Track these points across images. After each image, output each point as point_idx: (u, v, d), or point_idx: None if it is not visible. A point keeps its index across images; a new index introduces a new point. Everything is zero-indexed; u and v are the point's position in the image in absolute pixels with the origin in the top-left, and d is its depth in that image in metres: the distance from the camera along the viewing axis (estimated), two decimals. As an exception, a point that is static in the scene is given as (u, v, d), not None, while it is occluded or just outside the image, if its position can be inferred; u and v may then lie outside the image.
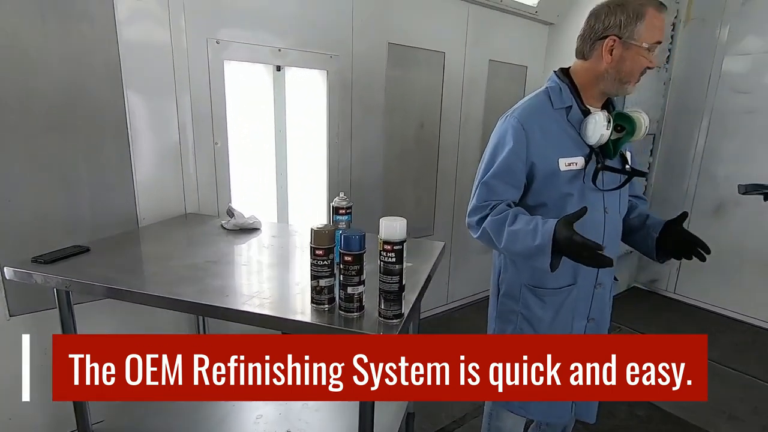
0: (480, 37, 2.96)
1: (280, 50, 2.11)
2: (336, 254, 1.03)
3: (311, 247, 1.03)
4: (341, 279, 1.02)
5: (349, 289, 1.01)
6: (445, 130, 2.95)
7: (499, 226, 1.15)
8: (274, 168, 2.29)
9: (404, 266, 0.99)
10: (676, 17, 3.39)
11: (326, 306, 1.07)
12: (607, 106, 1.29)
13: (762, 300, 3.24)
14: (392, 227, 0.97)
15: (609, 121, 1.15)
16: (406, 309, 1.05)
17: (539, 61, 3.33)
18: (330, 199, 2.46)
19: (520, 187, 1.23)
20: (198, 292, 1.14)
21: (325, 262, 1.03)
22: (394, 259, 0.97)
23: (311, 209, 2.46)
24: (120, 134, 1.78)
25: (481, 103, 3.09)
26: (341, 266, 1.00)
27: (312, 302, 1.08)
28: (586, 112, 1.21)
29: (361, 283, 1.02)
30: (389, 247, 0.97)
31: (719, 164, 3.43)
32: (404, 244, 0.98)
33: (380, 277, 1.00)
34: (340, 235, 1.01)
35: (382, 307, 1.02)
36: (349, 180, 2.52)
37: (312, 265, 1.04)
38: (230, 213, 1.79)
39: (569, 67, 1.28)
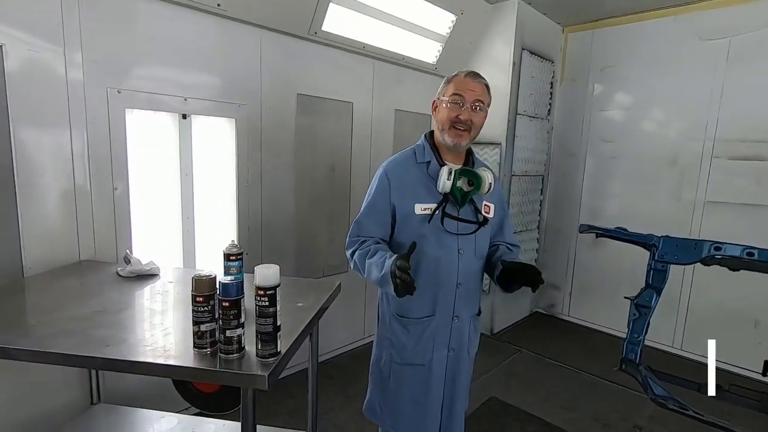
0: (385, 89, 3.26)
1: (186, 99, 2.19)
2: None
3: (192, 294, 1.11)
4: (220, 323, 1.10)
5: (228, 332, 1.10)
6: (355, 173, 3.14)
7: (362, 259, 1.37)
8: (179, 212, 2.30)
9: (278, 308, 1.10)
10: (553, 77, 3.98)
11: (208, 349, 1.14)
12: (467, 161, 1.53)
13: (636, 318, 3.74)
14: (265, 274, 1.08)
15: (450, 173, 1.37)
16: (283, 348, 1.15)
17: (442, 111, 3.71)
18: (240, 240, 2.53)
19: (386, 226, 1.44)
20: (76, 344, 1.15)
21: (206, 308, 1.11)
22: (267, 303, 1.08)
23: (220, 251, 2.48)
24: (5, 179, 1.72)
25: (389, 148, 3.35)
26: (220, 311, 1.09)
27: (194, 347, 1.14)
28: (443, 166, 1.44)
29: (240, 326, 1.11)
30: (262, 292, 1.08)
31: (597, 200, 3.98)
32: (277, 288, 1.09)
33: (256, 319, 1.10)
34: (219, 282, 1.10)
35: (259, 347, 1.11)
36: (260, 221, 2.60)
37: (193, 311, 1.12)
38: (127, 260, 1.79)
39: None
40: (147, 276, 1.77)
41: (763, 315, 3.15)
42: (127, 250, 1.87)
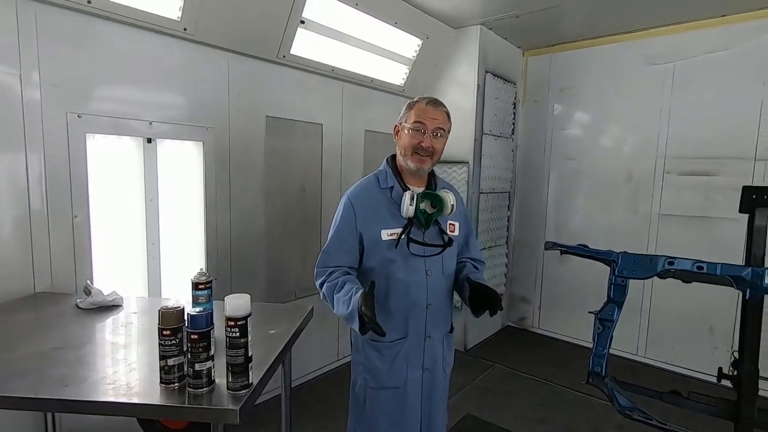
0: (355, 111, 3.30)
1: (151, 123, 2.15)
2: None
3: (159, 327, 1.08)
4: (189, 356, 1.07)
5: (197, 366, 1.07)
6: (326, 194, 3.15)
7: (330, 292, 1.38)
8: (144, 239, 2.23)
9: (249, 339, 1.08)
10: (515, 98, 4.15)
11: (176, 384, 1.10)
12: (430, 184, 1.56)
13: (602, 328, 3.87)
14: (235, 304, 1.07)
15: (413, 198, 1.40)
16: (254, 379, 1.13)
17: (410, 131, 3.79)
18: (208, 266, 2.47)
19: (354, 254, 1.45)
20: (32, 385, 1.09)
21: (173, 342, 1.08)
22: (238, 334, 1.06)
23: (188, 278, 2.41)
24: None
25: (360, 168, 3.38)
26: (188, 344, 1.06)
27: (161, 382, 1.10)
28: (406, 191, 1.47)
29: (209, 358, 1.08)
30: (233, 323, 1.06)
31: (561, 215, 4.14)
32: (248, 318, 1.08)
33: (227, 351, 1.08)
34: (188, 314, 1.07)
35: (230, 380, 1.08)
36: (229, 245, 2.55)
37: (160, 345, 1.08)
38: (87, 291, 1.71)
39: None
40: (109, 307, 1.70)
41: (718, 321, 3.33)
42: (88, 281, 1.80)
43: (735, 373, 1.53)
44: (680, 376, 3.43)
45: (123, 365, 1.26)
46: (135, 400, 1.05)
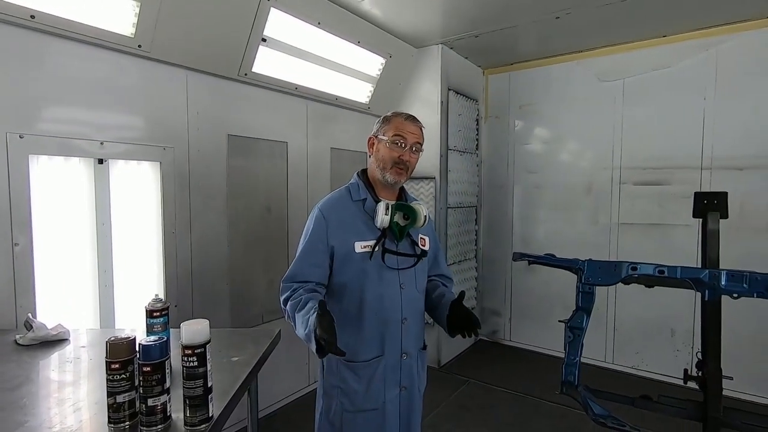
0: (320, 128, 3.28)
1: (102, 143, 2.03)
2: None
3: (106, 361, 0.99)
4: (141, 391, 0.98)
5: (150, 401, 0.98)
6: (292, 213, 3.08)
7: (293, 311, 1.31)
8: (95, 266, 2.09)
9: (209, 368, 1.01)
10: (478, 114, 4.26)
11: (126, 423, 1.00)
12: (400, 197, 1.55)
13: (571, 337, 3.94)
14: (192, 331, 0.99)
15: (388, 208, 1.38)
16: (215, 411, 1.04)
17: (377, 148, 3.80)
18: (167, 292, 2.33)
19: (325, 267, 1.40)
20: (-44, 435, 0.96)
21: (123, 376, 0.99)
22: (196, 363, 0.99)
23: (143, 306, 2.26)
24: None
25: (327, 186, 3.34)
26: (140, 378, 0.97)
27: (109, 422, 1.00)
28: (378, 203, 1.45)
29: (165, 392, 0.99)
30: (190, 351, 0.98)
31: (527, 227, 4.23)
32: (207, 345, 1.01)
33: (184, 383, 1.00)
34: (140, 344, 0.99)
35: (188, 414, 1.00)
36: (190, 270, 2.42)
37: (108, 380, 0.99)
38: (28, 325, 1.56)
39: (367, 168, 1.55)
40: (54, 342, 1.56)
41: (678, 324, 3.45)
42: (29, 314, 1.65)
43: (700, 373, 1.57)
44: (647, 380, 3.51)
45: (68, 405, 1.15)
46: (78, 445, 0.95)
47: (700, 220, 1.66)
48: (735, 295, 1.41)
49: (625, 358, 3.69)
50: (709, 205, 1.60)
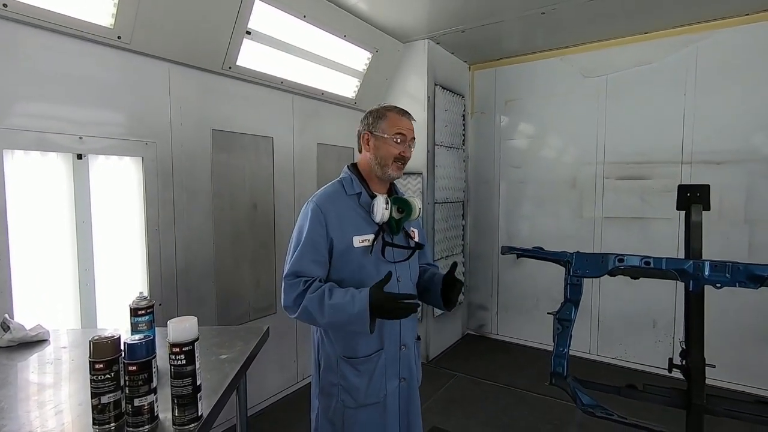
0: (306, 124, 3.24)
1: (81, 138, 1.97)
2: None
3: (90, 361, 0.95)
4: (127, 391, 0.95)
5: (137, 402, 0.95)
6: (279, 210, 3.04)
7: (319, 302, 1.28)
8: (76, 264, 2.02)
9: (197, 366, 0.98)
10: (464, 110, 4.27)
11: (112, 424, 0.97)
12: (390, 191, 1.54)
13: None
14: (180, 328, 0.97)
15: (387, 202, 1.39)
16: (205, 410, 1.02)
17: (364, 143, 3.77)
18: (151, 290, 2.28)
19: (325, 263, 1.38)
20: (-71, 442, 0.92)
21: (108, 376, 0.96)
22: (184, 361, 0.96)
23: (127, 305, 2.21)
24: None
25: (314, 182, 3.30)
26: (126, 377, 0.95)
27: (94, 424, 0.97)
28: (373, 197, 1.44)
29: (151, 391, 0.97)
30: (178, 349, 0.96)
31: (512, 222, 4.27)
32: (195, 343, 0.98)
33: (171, 381, 0.97)
34: (125, 342, 0.96)
35: (176, 414, 0.98)
36: (174, 268, 2.37)
37: (92, 381, 0.95)
38: (5, 326, 1.50)
39: (357, 162, 1.53)
40: (33, 343, 1.50)
41: (660, 316, 3.54)
42: (6, 315, 1.58)
43: (684, 362, 1.61)
44: (630, 370, 3.59)
45: (50, 408, 1.11)
46: (61, 449, 0.92)
47: (683, 212, 1.70)
48: (718, 285, 1.45)
49: (609, 349, 3.77)
50: (692, 198, 1.63)
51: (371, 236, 1.40)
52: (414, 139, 1.48)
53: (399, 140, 1.43)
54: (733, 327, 3.21)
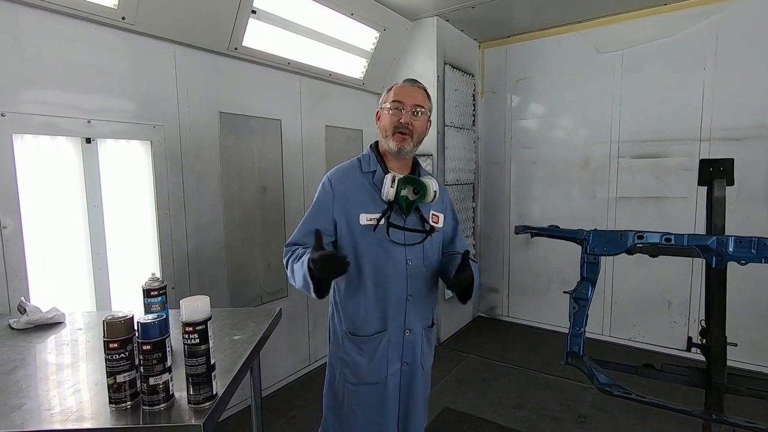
0: (314, 105, 3.19)
1: (89, 122, 1.95)
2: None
3: (104, 341, 0.95)
4: (141, 371, 0.95)
5: (152, 380, 0.95)
6: (289, 193, 3.02)
7: (291, 269, 1.32)
8: (89, 248, 2.03)
9: (210, 345, 0.98)
10: (474, 90, 4.18)
11: (128, 403, 0.98)
12: (413, 171, 1.49)
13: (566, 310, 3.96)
14: (193, 307, 0.96)
15: (393, 180, 1.33)
16: (219, 389, 1.02)
17: (373, 125, 3.71)
18: (163, 273, 2.29)
19: (327, 234, 1.37)
20: (-51, 420, 0.93)
21: (122, 355, 0.95)
22: (197, 340, 0.95)
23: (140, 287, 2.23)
24: None
25: (322, 164, 3.27)
26: (141, 356, 0.94)
27: (110, 402, 0.97)
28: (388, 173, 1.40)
29: (166, 370, 0.96)
30: (191, 329, 0.95)
31: (523, 204, 4.21)
32: (208, 322, 0.97)
33: (186, 360, 0.96)
34: (138, 322, 0.95)
35: (191, 393, 0.97)
36: (186, 251, 2.38)
37: (107, 360, 0.95)
38: (22, 309, 1.52)
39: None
40: (49, 326, 1.52)
41: (674, 296, 3.48)
42: (22, 298, 1.60)
43: (704, 341, 1.57)
44: (644, 351, 3.56)
45: (67, 387, 1.11)
46: (84, 425, 0.92)
47: (701, 191, 1.64)
48: (743, 261, 1.40)
49: (623, 330, 3.73)
50: (715, 172, 1.57)
51: (378, 215, 1.37)
52: (420, 106, 1.39)
53: (396, 107, 1.38)
54: (750, 306, 3.15)
